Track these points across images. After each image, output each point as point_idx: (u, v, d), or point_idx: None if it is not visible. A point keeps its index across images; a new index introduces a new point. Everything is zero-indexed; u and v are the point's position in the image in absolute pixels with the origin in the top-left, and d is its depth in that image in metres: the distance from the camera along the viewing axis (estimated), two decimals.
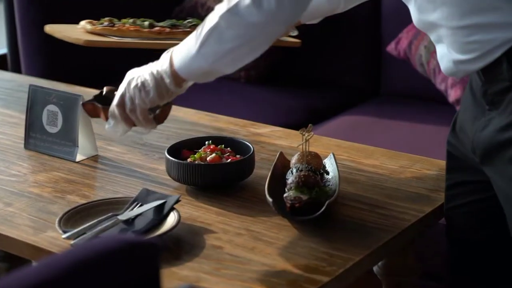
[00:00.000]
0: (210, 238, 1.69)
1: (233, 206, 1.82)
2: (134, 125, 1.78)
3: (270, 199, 1.73)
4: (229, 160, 1.91)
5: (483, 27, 1.54)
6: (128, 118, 1.77)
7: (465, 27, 1.56)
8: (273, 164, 1.90)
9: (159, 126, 1.85)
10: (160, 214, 1.74)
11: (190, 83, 1.74)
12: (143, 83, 1.72)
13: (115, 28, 1.89)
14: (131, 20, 1.95)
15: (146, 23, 1.94)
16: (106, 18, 1.98)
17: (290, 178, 1.76)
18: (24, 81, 2.69)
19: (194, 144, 1.99)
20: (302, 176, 1.73)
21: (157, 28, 1.92)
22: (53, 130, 2.11)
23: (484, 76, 1.60)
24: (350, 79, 3.50)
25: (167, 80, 1.70)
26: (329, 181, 1.86)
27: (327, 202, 1.69)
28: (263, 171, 1.96)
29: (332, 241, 1.65)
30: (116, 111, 1.77)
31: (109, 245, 1.06)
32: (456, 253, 1.87)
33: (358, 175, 1.97)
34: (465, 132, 1.70)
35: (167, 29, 1.92)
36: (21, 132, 2.18)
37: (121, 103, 1.76)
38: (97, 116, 1.87)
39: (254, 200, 1.85)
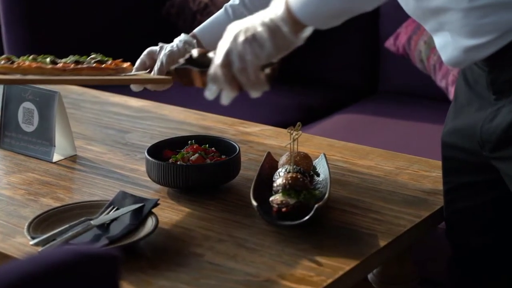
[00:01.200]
0: (190, 245, 1.58)
1: (216, 210, 1.71)
2: (241, 89, 1.48)
3: (255, 203, 1.61)
4: (213, 160, 1.79)
5: (499, 6, 1.43)
6: (233, 80, 1.46)
7: (479, 8, 1.44)
8: (260, 165, 1.79)
9: (144, 125, 1.73)
10: (137, 218, 1.62)
11: (308, 31, 1.48)
12: (254, 36, 1.44)
13: (14, 66, 1.73)
14: (31, 57, 1.80)
15: (48, 59, 1.79)
16: (3, 56, 1.78)
17: (277, 180, 1.64)
18: None
19: (177, 143, 1.87)
20: (289, 178, 1.62)
21: (60, 65, 1.77)
22: (29, 128, 2.00)
23: (491, 64, 1.49)
24: (346, 76, 3.39)
25: (285, 29, 1.44)
26: (319, 184, 1.75)
27: (316, 206, 1.57)
28: (250, 172, 1.84)
29: (321, 249, 1.54)
30: (220, 73, 1.46)
31: (61, 257, 0.95)
32: (457, 258, 1.76)
33: (351, 177, 1.86)
34: (467, 127, 1.59)
35: (71, 65, 1.78)
36: None
37: (227, 63, 1.45)
38: (191, 83, 1.57)
39: (239, 204, 1.73)
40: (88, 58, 1.84)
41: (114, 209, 1.66)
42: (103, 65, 1.80)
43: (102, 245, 1.54)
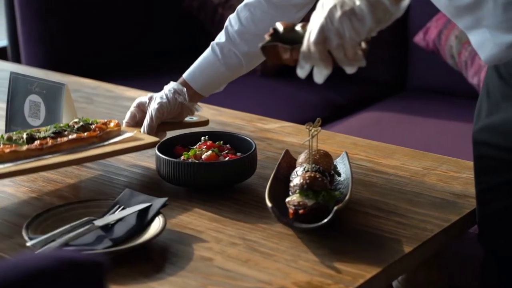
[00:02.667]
0: (200, 248, 1.47)
1: (229, 211, 1.60)
2: (335, 64, 1.37)
3: (269, 204, 1.50)
4: (227, 158, 1.68)
5: None
6: (328, 57, 1.36)
7: None
8: (277, 163, 1.67)
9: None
10: (144, 219, 1.51)
11: (407, 1, 1.38)
12: (353, 10, 1.33)
13: None
14: (6, 136, 1.69)
15: (24, 135, 1.69)
16: None
17: (294, 180, 1.53)
18: (16, 70, 2.46)
19: (189, 139, 1.76)
20: (307, 178, 1.50)
21: (37, 142, 1.67)
22: (35, 122, 1.90)
23: None
24: (374, 72, 3.29)
25: (385, 0, 1.34)
26: (340, 184, 1.63)
27: (335, 208, 1.46)
28: (267, 171, 1.73)
29: (340, 254, 1.43)
30: (314, 50, 1.35)
31: (42, 264, 0.84)
32: (490, 265, 1.64)
33: (375, 177, 1.75)
34: (503, 123, 1.49)
35: (49, 141, 1.68)
36: (3, 125, 1.97)
37: (322, 40, 1.34)
38: (279, 60, 1.43)
39: (254, 205, 1.62)
40: (71, 122, 1.75)
41: (120, 208, 1.55)
42: (86, 133, 1.72)
43: (104, 247, 1.43)
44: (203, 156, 1.68)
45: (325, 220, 1.46)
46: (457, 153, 1.97)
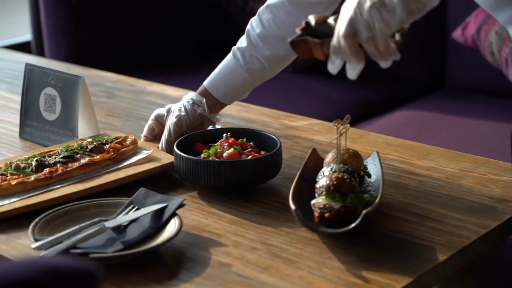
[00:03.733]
0: (217, 253, 1.37)
1: (250, 214, 1.50)
2: (368, 58, 1.32)
3: (293, 207, 1.39)
4: (249, 157, 1.58)
5: None
6: (359, 51, 1.30)
7: None
8: (303, 163, 1.56)
9: None
10: (159, 221, 1.42)
11: None
12: (382, 1, 1.27)
13: None
14: (13, 165, 1.59)
15: (33, 163, 1.59)
16: None
17: (320, 181, 1.42)
18: (38, 63, 2.37)
19: (210, 136, 1.66)
20: (334, 179, 1.39)
21: (46, 171, 1.58)
22: (51, 117, 1.81)
23: None
24: (410, 70, 3.21)
25: None
26: (370, 186, 1.53)
27: (364, 212, 1.35)
28: (293, 171, 1.63)
29: (368, 262, 1.33)
30: (344, 43, 1.29)
31: (22, 274, 0.74)
32: None
33: (408, 179, 1.64)
34: None
35: (59, 168, 1.58)
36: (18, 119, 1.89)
37: (352, 32, 1.29)
38: (310, 55, 1.36)
39: (277, 207, 1.52)
40: (85, 142, 1.66)
41: (134, 209, 1.46)
42: (99, 156, 1.63)
43: (114, 251, 1.34)
44: (224, 154, 1.58)
45: (353, 225, 1.35)
46: (496, 154, 1.87)
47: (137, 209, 1.46)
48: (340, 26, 1.29)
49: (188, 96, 1.73)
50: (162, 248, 1.37)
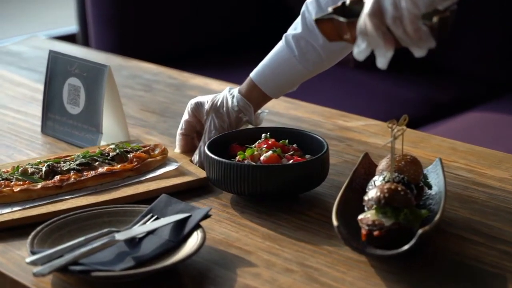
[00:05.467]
0: (245, 274, 1.17)
1: (289, 228, 1.30)
2: (398, 44, 1.16)
3: (335, 222, 1.18)
4: (291, 161, 1.37)
5: None
6: (387, 34, 1.15)
7: None
8: (353, 170, 1.35)
9: None
10: (180, 233, 1.21)
11: None
12: None
13: None
14: (20, 169, 1.41)
15: (44, 168, 1.41)
16: None
17: (370, 192, 1.20)
18: (83, 55, 2.19)
19: (248, 136, 1.46)
20: (385, 191, 1.18)
21: (56, 178, 1.39)
22: (74, 110, 1.63)
23: None
24: (483, 68, 2.99)
25: None
26: (430, 199, 1.31)
27: (420, 232, 1.13)
28: (342, 178, 1.41)
29: None
30: (369, 24, 1.14)
31: None
32: None
33: (477, 191, 1.42)
34: None
35: (72, 176, 1.39)
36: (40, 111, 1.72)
37: (377, 11, 1.14)
38: (339, 37, 1.21)
39: (321, 221, 1.32)
40: (107, 149, 1.47)
41: (153, 218, 1.26)
42: (119, 166, 1.43)
43: (123, 268, 1.14)
44: (261, 158, 1.37)
45: (406, 247, 1.13)
46: None
47: (156, 218, 1.26)
48: (366, 4, 1.14)
49: (234, 101, 1.50)
50: (181, 267, 1.17)
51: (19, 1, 3.71)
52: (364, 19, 1.14)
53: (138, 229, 1.23)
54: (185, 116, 1.55)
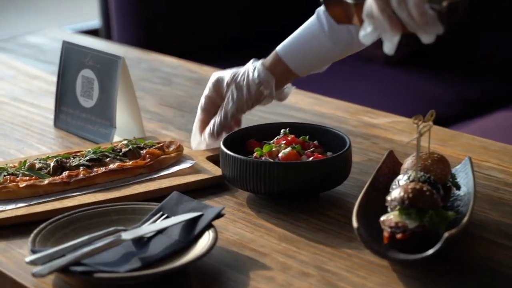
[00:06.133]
0: (258, 278, 1.09)
1: (307, 229, 1.22)
2: (405, 29, 1.11)
3: (355, 224, 1.10)
4: (311, 158, 1.29)
5: None
6: (393, 17, 1.11)
7: None
8: (377, 168, 1.27)
9: None
10: (190, 233, 1.14)
11: None
12: None
13: None
14: (27, 164, 1.34)
15: (52, 163, 1.34)
16: None
17: (393, 192, 1.13)
18: (100, 47, 2.12)
19: (266, 132, 1.38)
20: (410, 191, 1.10)
21: (64, 174, 1.32)
22: (88, 103, 1.56)
23: None
24: None
25: None
26: (458, 200, 1.23)
27: (446, 236, 1.05)
28: (366, 177, 1.33)
29: None
30: (375, 7, 1.11)
31: None
32: None
33: (509, 193, 1.34)
34: None
35: (81, 172, 1.32)
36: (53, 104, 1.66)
37: None
38: (348, 20, 1.18)
39: (341, 222, 1.24)
40: (119, 145, 1.41)
41: (163, 217, 1.19)
42: (131, 162, 1.36)
43: (128, 269, 1.07)
44: (280, 154, 1.30)
45: (431, 251, 1.06)
46: None
47: (167, 217, 1.19)
48: None
49: (255, 73, 1.42)
50: (191, 269, 1.10)
51: None
52: (370, 1, 1.09)
53: (146, 228, 1.16)
54: (206, 91, 1.48)
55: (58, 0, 3.59)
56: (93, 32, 3.14)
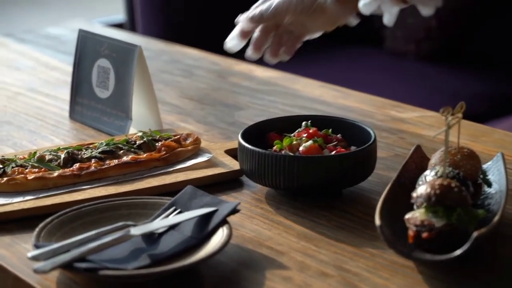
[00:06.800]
0: (275, 277, 1.03)
1: (327, 227, 1.15)
2: (406, 2, 1.10)
3: (378, 222, 1.03)
4: (333, 152, 1.22)
5: None
6: None
7: None
8: (403, 163, 1.20)
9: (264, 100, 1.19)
10: (204, 229, 1.08)
11: None
12: None
13: (3, 181, 1.21)
14: (37, 155, 1.28)
15: (62, 155, 1.28)
16: None
17: (419, 188, 1.06)
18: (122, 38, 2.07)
19: (287, 124, 1.31)
20: (437, 187, 1.03)
21: (76, 165, 1.26)
22: (103, 94, 1.50)
23: None
24: None
25: None
26: (489, 198, 1.16)
27: (476, 235, 0.98)
28: (392, 174, 1.27)
29: None
30: None
31: None
32: None
33: None
34: None
35: (92, 164, 1.26)
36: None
37: None
38: None
39: (364, 220, 1.17)
40: (134, 137, 1.35)
41: (175, 212, 1.13)
42: (145, 155, 1.30)
43: (136, 267, 1.01)
44: (300, 148, 1.23)
45: (459, 251, 0.98)
46: None
47: (179, 212, 1.13)
48: None
49: None
50: (202, 267, 1.04)
51: None
52: None
53: (156, 224, 1.10)
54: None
55: None
56: (117, 26, 3.10)
